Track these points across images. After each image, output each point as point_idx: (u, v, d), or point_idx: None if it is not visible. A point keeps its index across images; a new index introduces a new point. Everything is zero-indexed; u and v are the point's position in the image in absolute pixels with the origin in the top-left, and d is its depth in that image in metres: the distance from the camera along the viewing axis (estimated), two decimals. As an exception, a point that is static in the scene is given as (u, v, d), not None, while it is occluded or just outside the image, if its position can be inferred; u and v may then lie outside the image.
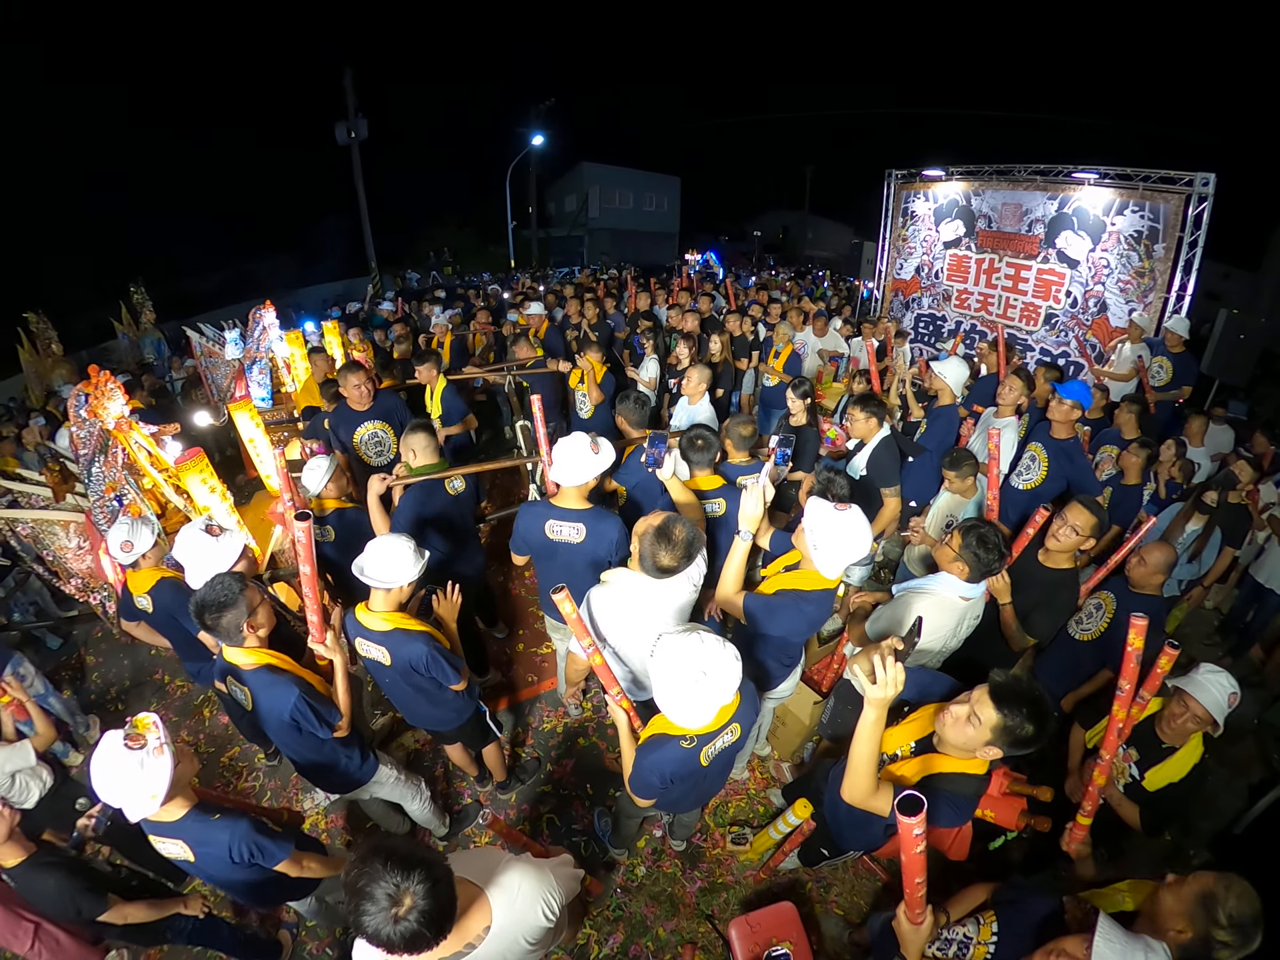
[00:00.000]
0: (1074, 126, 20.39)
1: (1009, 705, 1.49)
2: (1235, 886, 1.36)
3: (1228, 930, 1.33)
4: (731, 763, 2.08)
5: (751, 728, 1.94)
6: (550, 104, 20.06)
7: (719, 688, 1.58)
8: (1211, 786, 3.25)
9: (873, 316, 9.22)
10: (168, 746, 1.64)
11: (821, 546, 2.02)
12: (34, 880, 1.95)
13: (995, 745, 1.55)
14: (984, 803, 2.16)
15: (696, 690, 1.57)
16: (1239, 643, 4.23)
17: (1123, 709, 1.88)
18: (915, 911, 1.46)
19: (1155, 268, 6.06)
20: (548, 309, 7.21)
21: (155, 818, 1.72)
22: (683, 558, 1.97)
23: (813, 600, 2.16)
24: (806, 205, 30.75)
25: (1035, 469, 3.59)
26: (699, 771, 1.84)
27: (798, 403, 3.72)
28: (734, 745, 1.89)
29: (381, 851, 1.14)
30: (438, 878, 1.15)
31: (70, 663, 4.38)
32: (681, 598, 2.23)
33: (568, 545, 2.58)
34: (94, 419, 3.58)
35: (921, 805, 1.25)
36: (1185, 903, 1.38)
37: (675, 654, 1.59)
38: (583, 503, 2.56)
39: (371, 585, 2.14)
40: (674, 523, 1.99)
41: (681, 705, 1.61)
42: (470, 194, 25.64)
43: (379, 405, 4.01)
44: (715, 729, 1.76)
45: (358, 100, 16.57)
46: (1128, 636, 1.78)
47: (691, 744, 1.74)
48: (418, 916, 1.10)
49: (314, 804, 3.16)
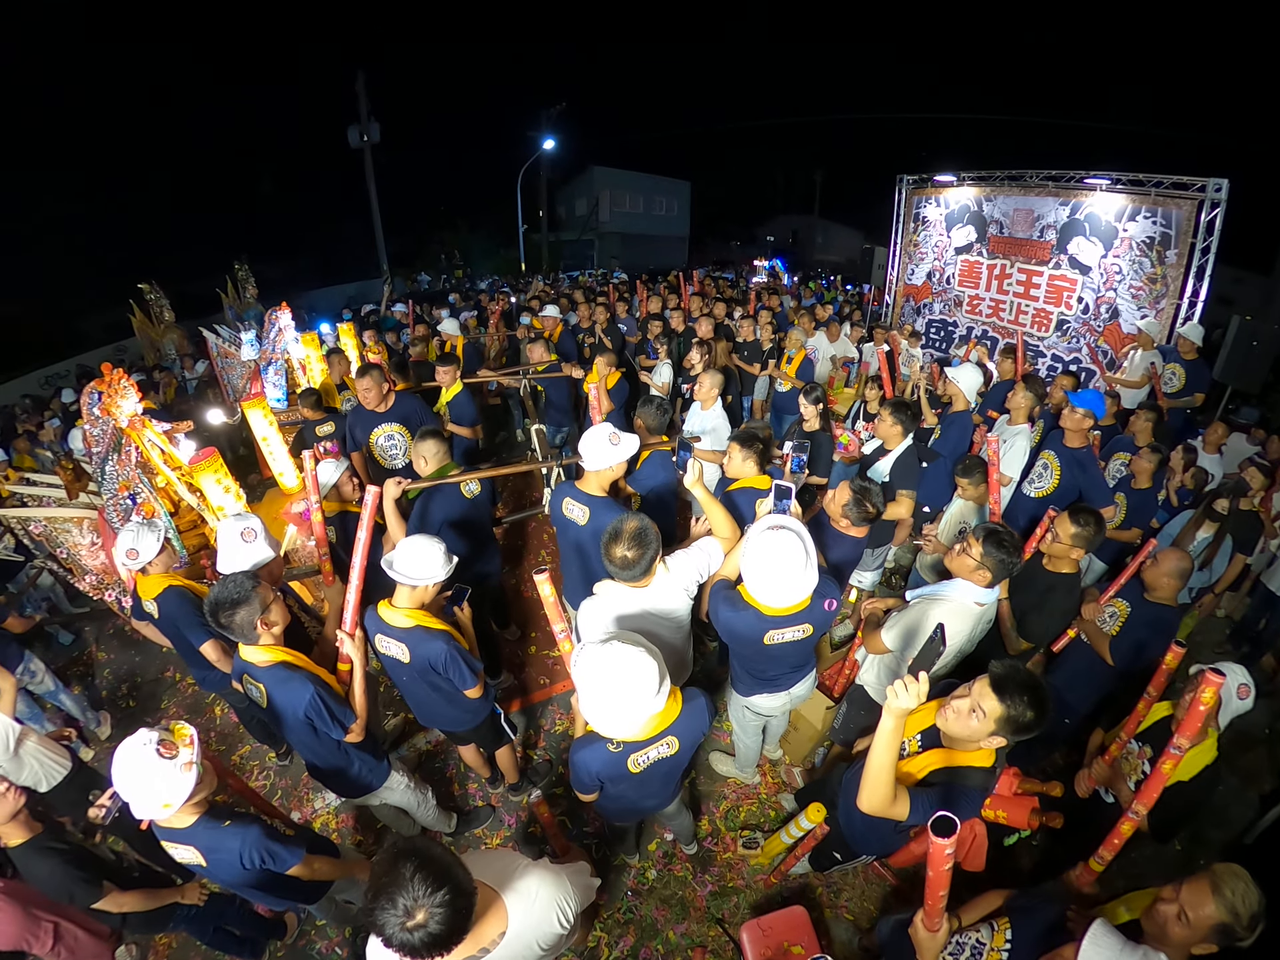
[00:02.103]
0: (1086, 131, 20.29)
1: (1010, 694, 1.52)
2: (1239, 887, 1.37)
3: (1248, 930, 1.35)
4: (675, 775, 2.05)
5: (695, 742, 1.90)
6: (561, 108, 20.16)
7: (630, 699, 1.57)
8: (1223, 796, 3.23)
9: (884, 322, 9.22)
10: (196, 766, 1.66)
11: (745, 568, 2.02)
12: (33, 863, 1.98)
13: (999, 735, 1.57)
14: (995, 803, 2.17)
15: (607, 700, 1.57)
16: (1251, 651, 4.19)
17: (1146, 708, 1.92)
18: (934, 920, 1.46)
19: (1167, 274, 6.04)
20: (562, 313, 7.24)
21: (166, 824, 1.74)
22: (635, 547, 2.00)
23: (738, 609, 2.14)
24: (817, 210, 30.70)
25: (1048, 477, 3.58)
26: (631, 778, 1.84)
27: (810, 408, 3.73)
28: (672, 759, 1.86)
29: (416, 856, 1.13)
30: (459, 906, 1.14)
31: (81, 659, 4.42)
32: (671, 603, 2.24)
33: (575, 525, 2.69)
34: (107, 417, 3.62)
35: (955, 827, 1.26)
36: (1200, 918, 1.38)
37: (588, 663, 1.60)
38: (598, 490, 2.66)
39: (399, 581, 2.17)
40: (624, 519, 2.04)
41: (596, 713, 1.61)
42: (482, 197, 25.80)
43: (398, 408, 4.04)
44: (645, 739, 1.75)
45: (370, 104, 16.74)
46: (1165, 659, 1.90)
47: (618, 749, 1.75)
48: (424, 935, 1.10)
49: (325, 803, 3.18)
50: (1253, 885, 1.38)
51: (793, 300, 10.71)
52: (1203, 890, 1.40)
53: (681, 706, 1.81)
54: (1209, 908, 1.37)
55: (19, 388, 11.98)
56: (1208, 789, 2.17)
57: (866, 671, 2.68)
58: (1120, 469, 4.07)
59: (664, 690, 1.63)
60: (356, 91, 16.43)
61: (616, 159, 27.30)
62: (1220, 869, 1.42)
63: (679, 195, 30.64)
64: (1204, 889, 1.40)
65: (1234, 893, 1.36)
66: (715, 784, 3.20)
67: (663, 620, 2.28)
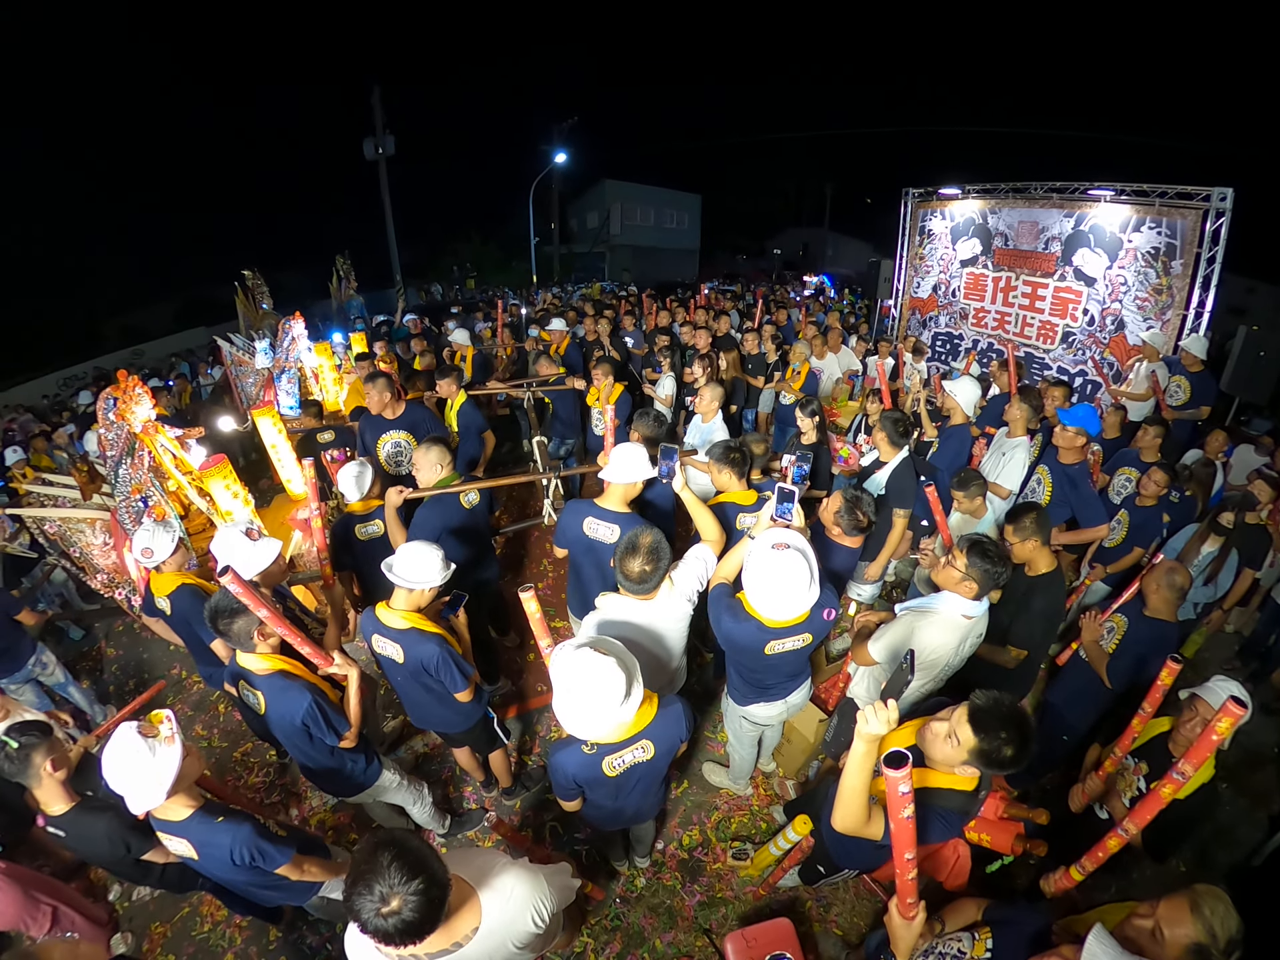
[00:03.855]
0: (1090, 143, 20.26)
1: (986, 729, 1.49)
2: (1219, 908, 1.35)
3: (1223, 955, 1.32)
4: (654, 782, 2.07)
5: (672, 748, 1.94)
6: (573, 121, 20.46)
7: (595, 704, 1.61)
8: (1231, 817, 3.18)
9: (889, 335, 9.21)
10: (178, 738, 1.71)
11: (746, 577, 2.04)
12: (84, 824, 2.03)
13: (972, 765, 1.56)
14: (980, 826, 2.14)
15: (573, 703, 1.62)
16: (1260, 668, 4.11)
17: (1142, 724, 1.95)
18: (907, 902, 1.46)
19: (1173, 284, 5.99)
20: (569, 325, 7.32)
21: (162, 815, 1.79)
22: (651, 562, 2.04)
23: (739, 619, 2.14)
24: (826, 223, 30.80)
25: (1040, 492, 3.57)
26: (608, 781, 1.87)
27: (807, 421, 3.76)
28: (649, 763, 1.89)
29: (394, 846, 1.17)
30: (432, 895, 1.17)
31: (91, 654, 4.53)
32: (675, 612, 2.28)
33: (602, 544, 2.67)
34: (122, 422, 3.72)
35: (907, 759, 1.25)
36: (1175, 937, 1.36)
37: (558, 666, 1.67)
38: (624, 506, 2.66)
39: (396, 583, 2.22)
40: (640, 533, 2.07)
41: (566, 715, 1.66)
42: (494, 209, 26.21)
43: (406, 416, 4.12)
44: (619, 742, 1.79)
45: (385, 116, 17.07)
46: (1160, 674, 1.89)
47: (592, 750, 1.79)
48: (397, 922, 1.14)
49: (322, 801, 3.21)
50: (1233, 910, 1.35)
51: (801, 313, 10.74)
52: (1181, 909, 1.37)
53: (657, 711, 1.83)
54: (1186, 927, 1.35)
55: (38, 389, 12.30)
56: (1205, 807, 2.14)
57: (857, 684, 2.68)
58: (1125, 484, 4.02)
59: (633, 698, 1.67)
60: (372, 104, 16.75)
61: (628, 172, 27.65)
62: (1201, 889, 1.40)
63: (689, 208, 30.89)
64: (1183, 907, 1.37)
65: (1213, 914, 1.34)
66: (708, 794, 3.20)
67: (667, 630, 2.31)
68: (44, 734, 2.06)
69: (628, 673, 1.66)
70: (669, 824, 3.05)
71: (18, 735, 2.02)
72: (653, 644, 2.33)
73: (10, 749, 1.98)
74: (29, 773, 1.99)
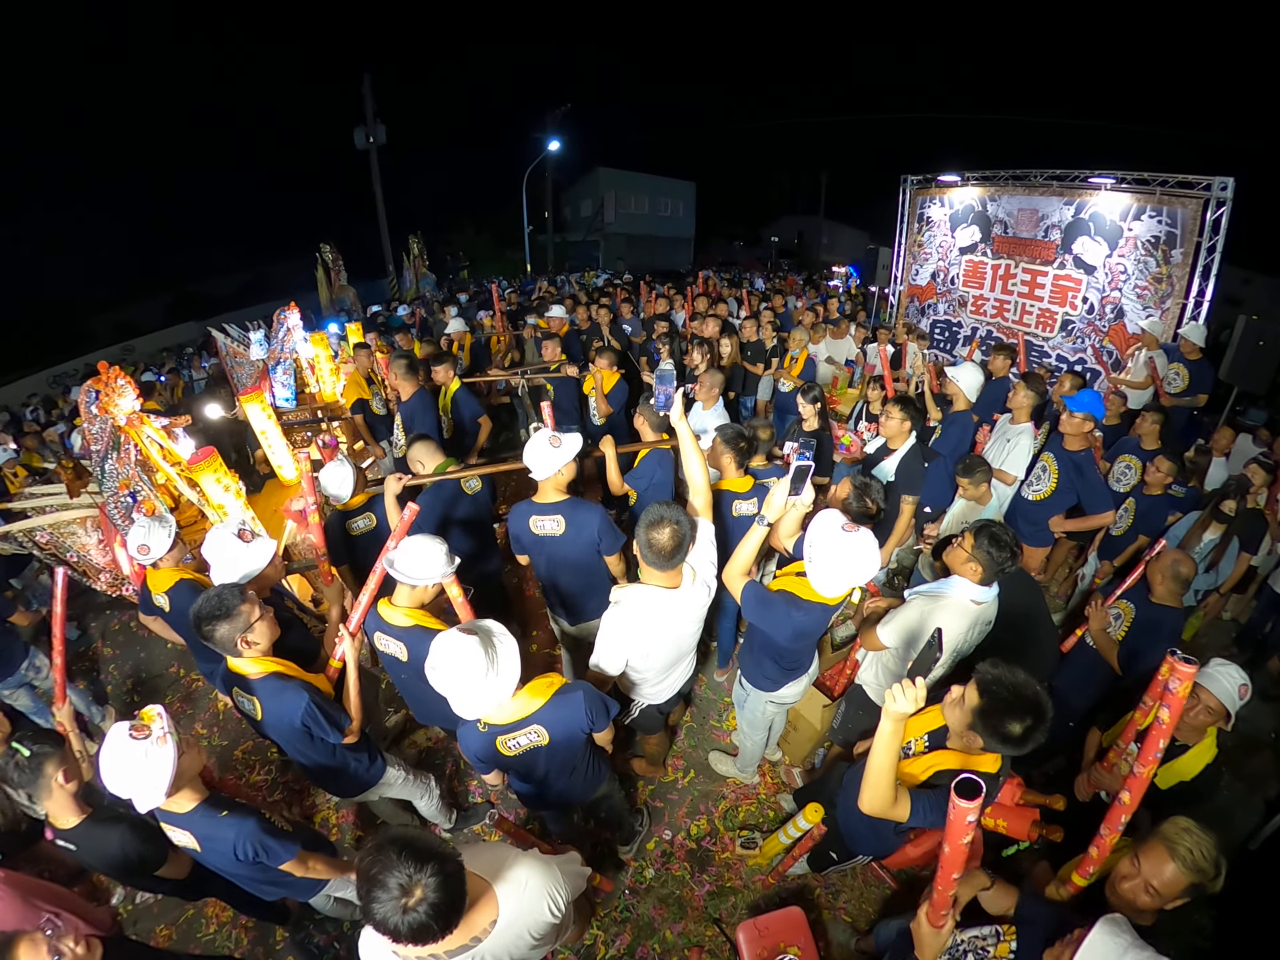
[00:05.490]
0: (1090, 130, 20.21)
1: (991, 691, 1.52)
2: (1190, 840, 1.40)
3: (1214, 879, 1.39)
4: (566, 767, 2.06)
5: (571, 736, 1.92)
6: (566, 109, 20.23)
7: (454, 678, 1.64)
8: (1227, 801, 3.20)
9: (888, 322, 9.19)
10: (171, 736, 1.66)
11: (817, 562, 2.00)
12: (96, 838, 1.96)
13: (976, 732, 1.57)
14: (996, 812, 2.14)
15: (436, 678, 1.66)
16: (1257, 654, 4.15)
17: (1144, 718, 1.91)
18: (940, 913, 1.45)
19: (1173, 273, 5.98)
20: (567, 313, 7.26)
21: (166, 807, 1.75)
22: (679, 533, 1.98)
23: (804, 609, 2.12)
24: (822, 210, 30.66)
25: (1045, 480, 3.56)
26: (511, 761, 1.91)
27: (809, 408, 3.73)
28: (547, 749, 1.89)
29: (397, 841, 1.16)
30: (449, 871, 1.17)
31: (87, 654, 4.45)
32: (699, 601, 2.23)
33: (551, 539, 2.66)
34: (105, 415, 3.63)
35: (980, 790, 1.21)
36: (1166, 884, 1.41)
37: (433, 649, 1.68)
38: (559, 495, 2.64)
39: (399, 580, 2.17)
40: (652, 506, 2.02)
41: (440, 691, 1.69)
42: (487, 199, 25.95)
43: (403, 406, 4.15)
44: (508, 724, 1.82)
45: (376, 105, 16.83)
46: (1160, 670, 1.81)
47: (485, 730, 1.83)
48: (427, 909, 1.12)
49: (326, 799, 3.19)
50: (1203, 832, 1.40)
51: (799, 300, 10.69)
52: (1159, 856, 1.42)
53: (551, 698, 1.83)
54: (1173, 874, 1.40)
55: (28, 386, 12.15)
56: (1211, 787, 2.16)
57: (865, 670, 2.66)
58: (1125, 470, 4.03)
59: (502, 677, 1.67)
60: (363, 93, 16.51)
61: (622, 160, 27.43)
62: (1167, 830, 1.44)
63: (684, 196, 30.66)
64: (1160, 854, 1.42)
65: (1189, 849, 1.39)
66: (714, 784, 3.19)
67: (691, 616, 2.25)
68: (57, 744, 2.00)
69: (489, 650, 1.65)
70: (677, 814, 3.05)
71: (30, 743, 1.94)
72: (681, 637, 2.29)
73: (21, 756, 1.91)
74: (39, 783, 1.92)
